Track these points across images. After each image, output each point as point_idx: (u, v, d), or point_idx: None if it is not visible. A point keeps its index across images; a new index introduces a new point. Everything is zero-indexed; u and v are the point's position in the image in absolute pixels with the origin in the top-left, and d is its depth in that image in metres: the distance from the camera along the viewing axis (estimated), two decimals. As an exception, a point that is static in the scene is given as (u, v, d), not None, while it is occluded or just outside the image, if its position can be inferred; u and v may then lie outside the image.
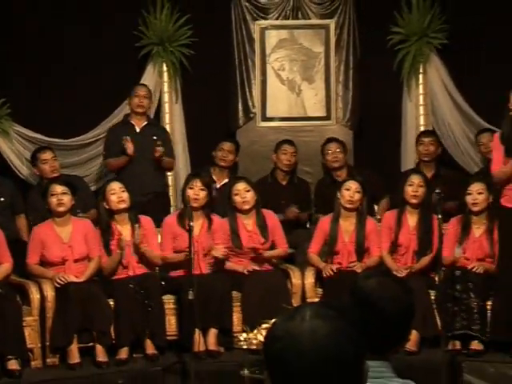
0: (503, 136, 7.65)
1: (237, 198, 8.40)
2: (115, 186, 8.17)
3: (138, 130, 9.26)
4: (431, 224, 8.25)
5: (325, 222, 8.52)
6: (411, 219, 8.39)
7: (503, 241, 7.90)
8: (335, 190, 8.49)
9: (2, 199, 8.60)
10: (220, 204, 8.65)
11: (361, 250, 8.37)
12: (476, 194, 8.12)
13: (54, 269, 7.84)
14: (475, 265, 7.93)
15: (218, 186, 9.18)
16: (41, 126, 9.76)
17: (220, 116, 10.19)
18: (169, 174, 9.76)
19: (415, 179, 8.39)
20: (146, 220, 8.30)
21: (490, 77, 9.67)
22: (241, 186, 8.44)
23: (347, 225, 8.42)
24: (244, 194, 8.39)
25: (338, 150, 9.39)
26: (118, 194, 8.11)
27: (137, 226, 8.05)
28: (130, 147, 8.81)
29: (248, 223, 8.48)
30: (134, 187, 8.63)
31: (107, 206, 8.15)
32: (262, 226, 8.47)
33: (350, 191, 8.30)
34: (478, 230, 8.17)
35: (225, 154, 9.42)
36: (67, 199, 7.95)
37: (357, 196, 8.30)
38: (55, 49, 9.80)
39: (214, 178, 9.12)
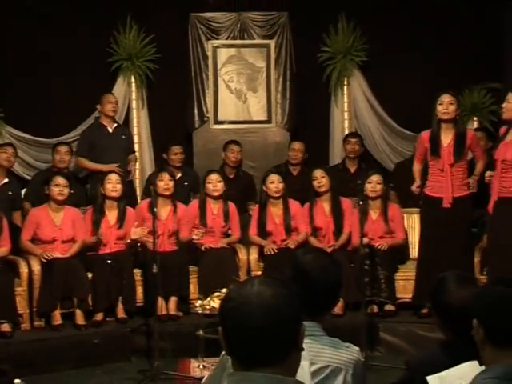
0: (432, 137, 7.78)
1: (209, 186, 8.61)
2: (113, 178, 8.37)
3: (110, 130, 9.38)
4: (341, 208, 8.54)
5: (255, 208, 8.88)
6: (326, 206, 8.60)
7: (423, 223, 8.13)
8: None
9: (10, 192, 8.74)
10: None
11: (289, 229, 8.51)
12: (375, 184, 8.39)
13: (44, 246, 7.97)
14: (379, 243, 8.17)
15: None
16: (28, 127, 9.93)
17: (179, 120, 10.43)
18: (136, 166, 9.91)
19: (317, 173, 8.58)
20: (130, 211, 8.43)
21: (402, 88, 10.00)
22: (214, 177, 8.67)
23: (276, 210, 8.60)
24: (216, 183, 8.62)
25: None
26: (113, 184, 8.29)
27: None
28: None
29: (214, 208, 8.66)
30: None
31: (103, 192, 8.34)
32: (226, 212, 8.68)
33: (274, 183, 8.54)
34: (374, 213, 8.42)
35: (177, 156, 9.53)
36: (67, 191, 8.15)
37: (280, 186, 8.53)
38: (39, 65, 9.89)
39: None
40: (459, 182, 7.81)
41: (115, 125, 9.53)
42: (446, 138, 7.77)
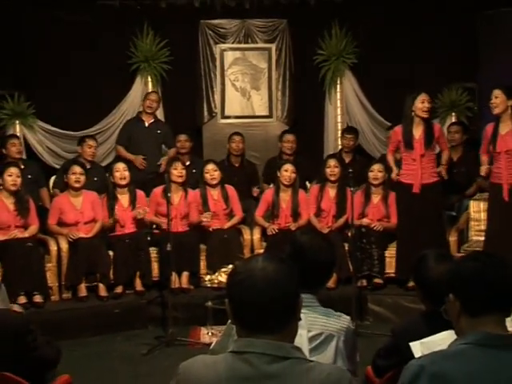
0: (404, 132, 7.81)
1: (207, 176, 8.59)
2: (120, 166, 8.36)
3: (146, 125, 9.49)
4: (345, 195, 8.45)
5: (268, 193, 8.72)
6: (331, 191, 8.57)
7: (398, 206, 8.14)
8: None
9: (30, 176, 8.66)
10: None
11: (295, 214, 8.51)
12: (376, 172, 8.42)
13: (69, 228, 7.97)
14: (376, 224, 8.19)
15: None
16: (57, 121, 9.89)
17: (190, 114, 10.35)
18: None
19: (331, 162, 8.65)
20: (140, 193, 8.47)
21: (388, 87, 9.96)
22: (210, 167, 8.64)
23: (284, 196, 8.57)
24: (213, 172, 8.60)
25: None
26: (120, 172, 8.28)
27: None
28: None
29: (214, 194, 8.64)
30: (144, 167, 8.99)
31: (112, 180, 8.36)
32: (225, 196, 8.65)
33: (288, 172, 8.54)
34: (376, 198, 8.42)
35: (182, 143, 9.51)
36: (83, 179, 8.14)
37: (293, 175, 8.53)
38: (67, 66, 9.85)
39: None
40: (429, 171, 7.81)
41: (152, 120, 9.55)
42: (417, 131, 7.78)
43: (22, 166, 8.60)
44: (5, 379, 3.45)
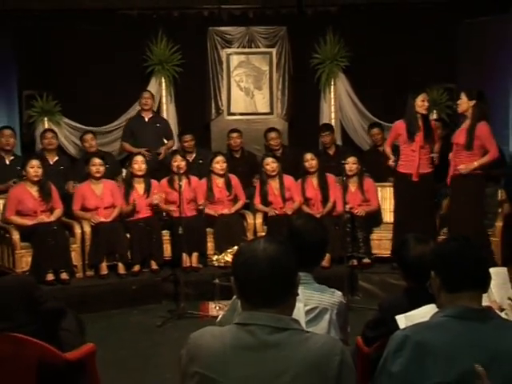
0: (409, 126, 7.78)
1: (217, 166, 8.59)
2: (138, 159, 8.41)
3: (146, 120, 9.45)
4: (327, 182, 8.50)
5: (257, 183, 8.75)
6: (314, 181, 8.56)
7: (397, 193, 8.15)
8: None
9: (62, 167, 8.87)
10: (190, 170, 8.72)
11: (284, 199, 8.49)
12: (351, 164, 8.43)
13: (91, 213, 8.07)
14: (358, 210, 8.25)
15: (190, 159, 9.22)
16: (81, 118, 9.90)
17: (199, 111, 10.29)
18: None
19: (307, 156, 8.58)
20: (154, 182, 8.48)
21: (377, 87, 9.90)
22: (220, 158, 8.65)
23: (274, 184, 8.58)
24: (222, 163, 8.61)
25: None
26: (138, 165, 8.36)
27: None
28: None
29: (219, 182, 8.63)
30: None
31: (131, 170, 8.41)
32: (228, 184, 8.65)
33: (269, 165, 8.55)
34: (353, 186, 8.46)
35: (189, 142, 9.42)
36: (102, 169, 8.23)
37: (274, 165, 8.54)
38: (89, 69, 9.86)
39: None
40: (425, 162, 7.84)
41: (151, 115, 9.52)
42: (419, 126, 7.83)
43: (56, 158, 8.90)
44: (11, 339, 3.53)
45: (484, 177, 7.47)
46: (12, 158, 8.67)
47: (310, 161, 8.57)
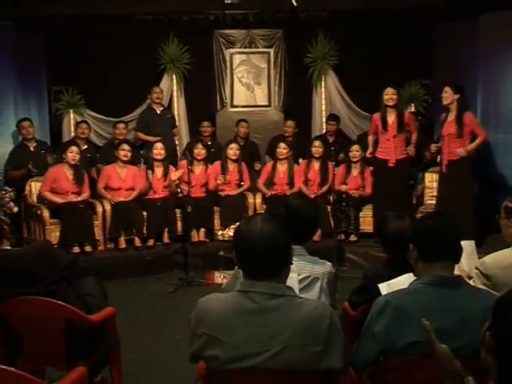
0: (381, 117, 7.77)
1: (230, 152, 8.59)
2: (158, 146, 8.36)
3: (158, 112, 9.35)
4: (327, 168, 8.51)
5: (269, 165, 8.74)
6: (316, 165, 8.57)
7: (375, 177, 8.16)
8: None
9: (89, 155, 8.80)
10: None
11: (292, 182, 8.51)
12: (354, 152, 8.41)
13: (113, 192, 8.05)
14: (353, 192, 8.25)
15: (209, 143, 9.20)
16: (102, 110, 9.90)
17: (206, 104, 10.20)
18: (176, 138, 9.82)
19: (316, 143, 8.70)
20: (171, 167, 8.39)
21: (362, 83, 9.75)
22: (234, 146, 8.69)
23: (281, 167, 8.58)
24: (235, 150, 8.63)
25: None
26: (158, 150, 8.31)
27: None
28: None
29: (231, 167, 8.63)
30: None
31: (152, 155, 8.34)
32: (240, 169, 8.65)
33: (281, 148, 8.58)
34: (355, 171, 8.42)
35: (205, 128, 9.53)
36: (130, 154, 8.20)
37: (284, 151, 8.56)
38: (109, 67, 9.82)
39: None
40: (400, 149, 7.82)
41: (162, 108, 9.46)
42: (391, 117, 7.81)
43: (86, 146, 8.84)
44: (43, 303, 3.54)
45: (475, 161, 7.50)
46: (35, 144, 8.55)
47: (318, 147, 8.60)
